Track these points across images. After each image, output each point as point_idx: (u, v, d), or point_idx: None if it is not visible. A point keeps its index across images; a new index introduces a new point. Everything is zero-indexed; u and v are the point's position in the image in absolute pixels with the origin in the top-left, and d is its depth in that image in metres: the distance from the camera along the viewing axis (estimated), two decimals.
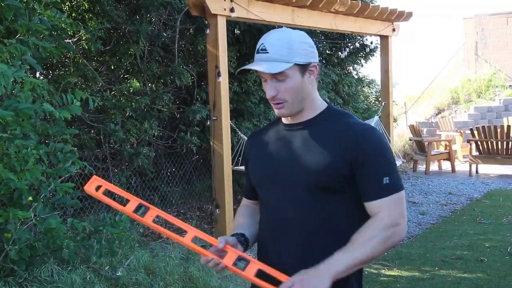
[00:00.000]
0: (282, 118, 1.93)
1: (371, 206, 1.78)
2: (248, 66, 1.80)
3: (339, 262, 1.69)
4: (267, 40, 1.80)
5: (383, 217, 1.75)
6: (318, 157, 1.78)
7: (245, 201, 2.14)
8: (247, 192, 2.12)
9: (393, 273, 5.11)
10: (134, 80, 6.68)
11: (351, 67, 10.79)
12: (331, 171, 1.76)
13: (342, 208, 1.81)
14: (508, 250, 5.67)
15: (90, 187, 1.80)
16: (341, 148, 1.77)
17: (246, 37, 7.75)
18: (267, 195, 1.92)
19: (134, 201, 1.75)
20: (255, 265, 1.72)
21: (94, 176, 1.82)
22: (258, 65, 1.77)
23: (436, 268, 5.20)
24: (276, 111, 1.86)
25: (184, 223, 1.81)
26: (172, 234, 1.75)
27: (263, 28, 7.62)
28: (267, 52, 1.77)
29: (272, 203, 1.89)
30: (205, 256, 1.75)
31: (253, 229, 1.97)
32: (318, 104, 1.89)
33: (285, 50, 1.77)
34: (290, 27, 2.02)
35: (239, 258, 1.73)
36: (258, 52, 1.80)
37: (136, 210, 1.74)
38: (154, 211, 1.74)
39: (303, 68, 1.80)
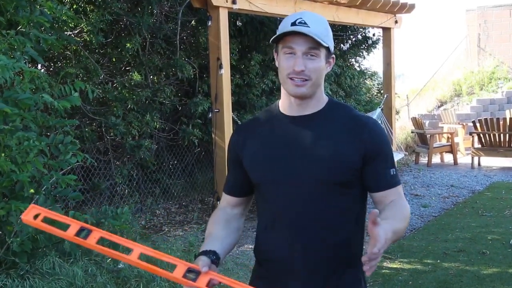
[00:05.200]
0: (283, 109, 1.86)
1: (381, 195, 1.80)
2: (296, 29, 1.71)
3: (389, 230, 1.60)
4: (305, 15, 1.75)
5: (405, 205, 1.80)
6: (333, 151, 1.76)
7: (224, 202, 2.00)
8: (232, 189, 1.98)
9: (395, 266, 5.11)
10: (136, 73, 6.66)
11: (353, 60, 10.75)
12: (347, 165, 1.76)
13: (353, 201, 1.82)
14: (510, 242, 5.66)
15: (27, 216, 1.64)
16: (354, 142, 1.77)
17: (248, 29, 7.72)
18: (276, 192, 1.82)
19: (75, 225, 1.63)
20: (206, 276, 1.61)
21: (32, 205, 1.74)
22: (308, 32, 1.71)
23: (438, 261, 5.20)
24: (293, 89, 1.76)
25: (129, 240, 1.66)
26: (119, 254, 1.61)
27: (265, 20, 7.59)
28: (308, 26, 1.72)
29: (283, 200, 1.80)
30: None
31: (226, 241, 1.84)
32: (324, 96, 1.87)
33: (324, 31, 1.76)
34: None
35: (189, 270, 1.60)
36: (295, 24, 1.73)
37: (78, 234, 1.61)
38: (97, 233, 1.61)
39: (328, 55, 1.80)
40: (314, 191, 1.77)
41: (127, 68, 7.11)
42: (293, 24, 1.73)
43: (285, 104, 1.86)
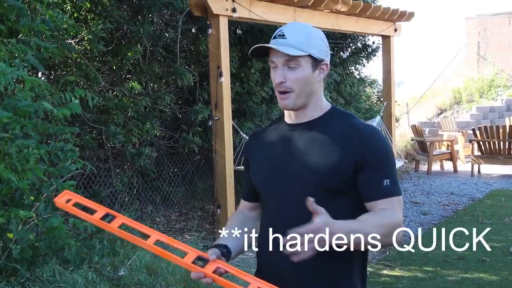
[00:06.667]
0: (285, 117, 1.90)
1: (371, 205, 1.76)
2: (265, 44, 1.78)
3: (345, 226, 1.61)
4: (286, 27, 1.79)
5: (392, 214, 1.72)
6: (324, 158, 1.77)
7: (241, 205, 2.08)
8: (246, 194, 2.06)
9: (395, 273, 5.11)
10: (135, 83, 6.68)
11: (353, 67, 10.78)
12: (337, 172, 1.76)
13: (345, 209, 1.79)
14: (510, 250, 5.66)
15: (61, 199, 1.82)
16: (346, 149, 1.76)
17: (248, 37, 7.75)
18: (269, 197, 1.88)
19: (101, 210, 1.80)
20: (214, 264, 1.69)
21: (66, 190, 1.85)
22: (275, 46, 1.75)
23: (438, 268, 5.20)
24: (280, 102, 1.82)
25: (148, 227, 1.79)
26: (137, 239, 1.75)
27: (265, 28, 7.62)
28: (285, 38, 1.75)
29: (275, 204, 1.85)
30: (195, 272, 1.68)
31: (240, 240, 1.92)
32: (323, 104, 1.87)
33: (303, 39, 1.77)
34: None
35: (199, 258, 1.69)
36: (274, 38, 1.78)
37: (103, 218, 1.78)
38: (120, 219, 1.77)
39: (316, 62, 1.79)
40: (306, 196, 1.77)
41: (127, 76, 7.12)
42: (273, 37, 1.79)
43: (286, 113, 1.91)
